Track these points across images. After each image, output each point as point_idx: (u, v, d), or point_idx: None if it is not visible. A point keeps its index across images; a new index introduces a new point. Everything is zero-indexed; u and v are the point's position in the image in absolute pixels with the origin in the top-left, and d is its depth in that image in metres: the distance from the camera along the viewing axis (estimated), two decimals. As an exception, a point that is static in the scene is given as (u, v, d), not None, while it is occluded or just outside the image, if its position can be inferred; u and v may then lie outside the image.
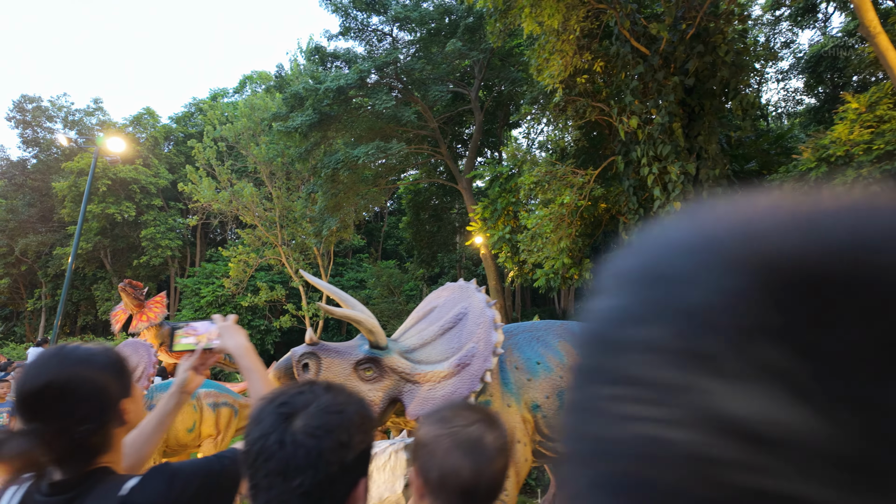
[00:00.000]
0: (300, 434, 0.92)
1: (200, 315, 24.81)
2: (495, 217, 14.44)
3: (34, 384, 1.12)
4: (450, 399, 4.40)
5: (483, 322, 4.76)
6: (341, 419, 0.95)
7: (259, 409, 0.99)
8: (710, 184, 10.60)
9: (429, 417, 1.21)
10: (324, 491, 0.90)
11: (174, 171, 31.29)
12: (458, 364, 4.54)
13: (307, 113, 15.07)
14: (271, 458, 0.91)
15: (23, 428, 1.12)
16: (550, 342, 5.68)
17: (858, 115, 6.80)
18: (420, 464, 1.14)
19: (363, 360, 4.32)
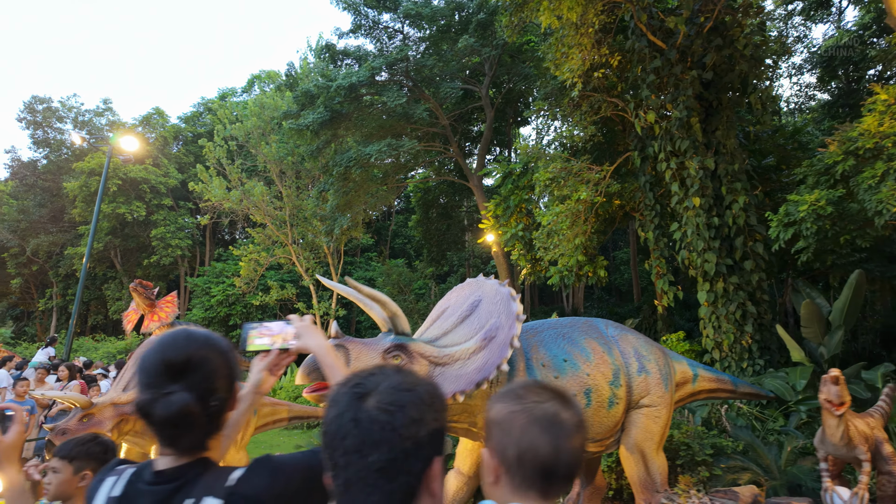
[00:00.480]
0: (373, 410, 0.94)
1: (211, 314, 24.85)
2: (508, 214, 14.33)
3: (177, 354, 1.21)
4: (483, 371, 4.38)
5: (499, 298, 4.85)
6: (412, 396, 0.97)
7: (335, 392, 1.02)
8: (728, 179, 10.44)
9: (500, 396, 1.17)
10: (399, 467, 0.92)
11: (183, 171, 31.37)
12: (484, 338, 4.58)
13: (318, 111, 15.01)
14: (347, 436, 0.93)
15: (170, 387, 1.17)
16: (577, 339, 5.59)
17: (888, 107, 6.64)
18: (495, 442, 1.10)
19: (391, 348, 4.31)
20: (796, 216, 7.10)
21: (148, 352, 1.24)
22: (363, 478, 0.92)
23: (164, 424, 1.17)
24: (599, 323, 5.94)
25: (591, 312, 23.44)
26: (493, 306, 4.84)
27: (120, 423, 5.97)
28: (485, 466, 1.12)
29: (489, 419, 1.14)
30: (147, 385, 1.20)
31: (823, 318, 9.61)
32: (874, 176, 6.42)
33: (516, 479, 1.06)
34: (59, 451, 2.31)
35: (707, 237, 10.23)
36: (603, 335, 5.75)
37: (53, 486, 2.23)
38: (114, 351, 23.95)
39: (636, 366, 5.56)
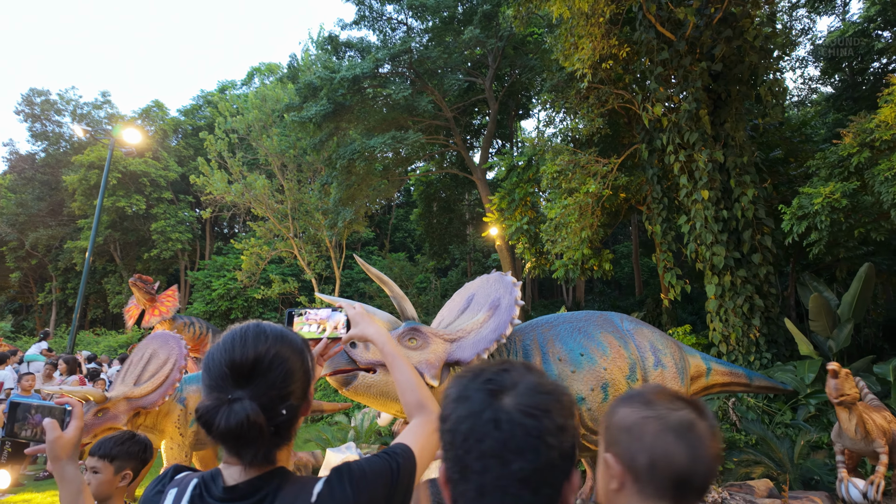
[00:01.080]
0: (515, 412, 0.86)
1: (212, 308, 24.78)
2: (512, 208, 14.25)
3: (244, 354, 1.08)
4: (498, 329, 4.51)
5: (491, 280, 5.06)
6: (554, 400, 0.89)
7: (460, 385, 0.93)
8: (737, 172, 10.37)
9: (625, 400, 1.10)
10: (544, 478, 0.84)
11: (183, 164, 31.19)
12: (490, 308, 4.76)
13: (321, 103, 14.88)
14: (485, 439, 0.85)
15: (234, 393, 1.06)
16: (593, 333, 5.53)
17: (905, 98, 6.56)
18: (621, 449, 1.04)
19: (405, 332, 4.40)
20: (810, 209, 7.03)
21: (214, 349, 1.12)
22: (502, 487, 0.83)
23: (226, 436, 1.04)
24: (614, 317, 5.88)
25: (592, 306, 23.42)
26: (488, 288, 5.02)
27: (134, 417, 5.93)
28: (606, 472, 1.05)
29: (612, 423, 1.07)
30: (210, 388, 1.08)
31: (832, 311, 9.58)
32: (891, 168, 6.36)
33: (647, 488, 0.99)
34: (98, 449, 2.24)
35: (716, 230, 10.17)
36: (619, 329, 5.69)
37: (94, 486, 2.17)
38: (115, 345, 23.89)
39: (652, 360, 5.53)
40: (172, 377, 5.98)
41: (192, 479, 1.12)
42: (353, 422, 9.83)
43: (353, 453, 6.34)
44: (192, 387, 6.54)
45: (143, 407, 5.86)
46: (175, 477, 1.17)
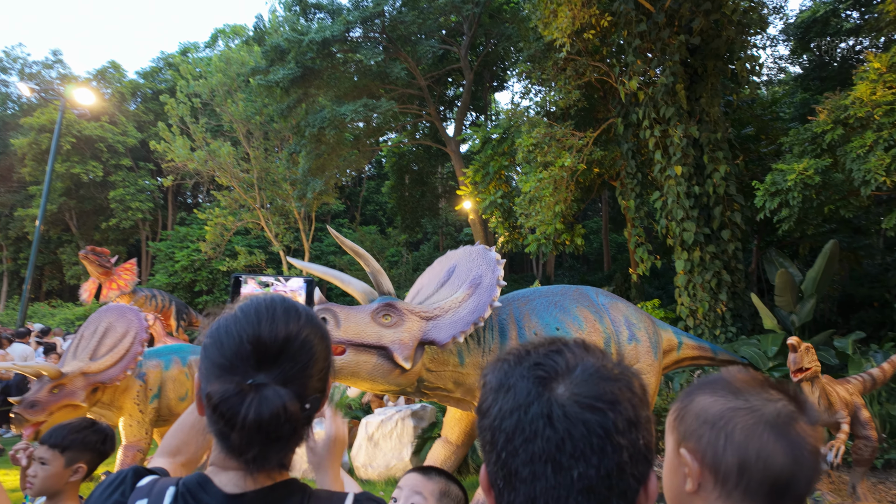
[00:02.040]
0: (572, 405, 0.68)
1: (175, 280, 24.03)
2: (486, 181, 14.06)
3: (272, 332, 0.88)
4: (477, 311, 4.34)
5: (475, 254, 4.84)
6: (622, 387, 0.71)
7: (500, 370, 0.75)
8: (710, 148, 10.40)
9: (706, 386, 0.93)
10: (613, 486, 0.67)
11: (143, 130, 29.77)
12: (470, 285, 4.57)
13: (289, 66, 14.23)
14: (534, 439, 0.67)
15: (256, 377, 0.85)
16: (569, 307, 5.46)
17: (880, 76, 6.59)
18: (702, 445, 0.87)
19: (380, 308, 4.21)
20: (783, 185, 7.08)
21: (227, 322, 0.90)
22: (559, 498, 0.67)
23: (252, 429, 0.83)
24: (590, 291, 5.83)
25: (561, 281, 23.68)
26: (471, 262, 4.83)
27: (92, 393, 5.62)
28: (676, 469, 0.89)
29: (689, 412, 0.90)
30: (224, 369, 0.87)
31: (796, 287, 9.82)
32: (863, 145, 6.40)
33: (735, 493, 0.84)
34: (49, 438, 1.94)
35: (687, 206, 10.24)
36: (594, 303, 5.65)
37: (39, 480, 1.88)
38: (72, 317, 23.00)
39: (626, 334, 5.51)
40: (133, 351, 5.68)
41: (166, 486, 0.90)
42: (323, 396, 9.68)
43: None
44: (152, 361, 6.25)
45: (102, 382, 5.56)
46: (138, 484, 0.93)
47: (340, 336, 3.93)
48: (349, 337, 3.98)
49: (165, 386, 6.21)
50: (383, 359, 4.08)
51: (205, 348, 0.92)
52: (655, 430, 0.71)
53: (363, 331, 4.04)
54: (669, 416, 0.95)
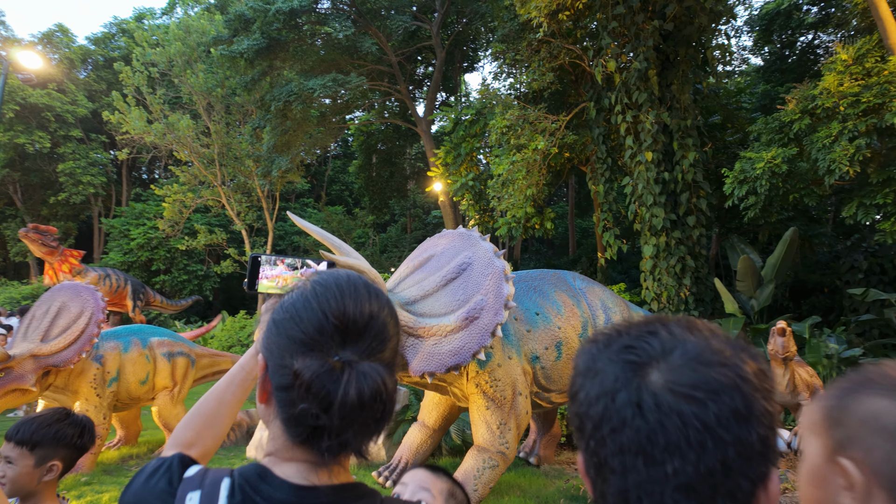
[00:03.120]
0: (666, 395, 0.60)
1: (131, 259, 23.06)
2: (458, 163, 13.92)
3: (359, 307, 0.83)
4: (458, 356, 4.06)
5: (492, 273, 4.44)
6: (728, 374, 0.61)
7: (589, 353, 0.69)
8: (680, 135, 10.54)
9: (874, 386, 0.80)
10: (715, 485, 0.58)
11: (94, 100, 28.16)
12: (466, 318, 4.23)
13: (254, 37, 13.61)
14: (623, 428, 0.61)
15: (342, 353, 0.80)
16: (548, 292, 5.48)
17: (847, 68, 6.75)
18: (873, 456, 0.75)
19: None
20: (752, 173, 7.22)
21: (303, 296, 0.84)
22: (653, 493, 0.59)
23: (353, 409, 0.77)
24: (567, 275, 5.87)
25: (528, 264, 23.86)
26: (483, 279, 4.43)
27: (44, 376, 5.28)
28: (829, 480, 0.78)
29: (850, 416, 0.78)
30: (305, 345, 0.80)
31: (757, 272, 10.15)
32: (829, 136, 6.57)
33: None
34: (15, 433, 1.70)
35: (656, 192, 10.37)
36: (571, 287, 5.69)
37: (8, 481, 1.66)
38: (17, 296, 21.80)
39: (603, 318, 5.59)
40: (89, 332, 5.37)
41: (220, 477, 0.82)
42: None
43: (293, 412, 6.03)
44: (109, 343, 5.93)
45: (55, 365, 5.24)
46: (186, 474, 0.84)
47: None
48: None
49: (125, 369, 5.92)
50: None
51: (277, 324, 0.85)
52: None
53: None
54: (810, 415, 0.83)
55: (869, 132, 6.41)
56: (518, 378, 4.82)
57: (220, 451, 6.44)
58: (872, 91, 6.38)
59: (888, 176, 6.54)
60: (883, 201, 6.56)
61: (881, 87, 6.37)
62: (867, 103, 6.35)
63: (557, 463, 6.21)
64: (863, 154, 6.31)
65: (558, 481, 5.30)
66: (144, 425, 7.37)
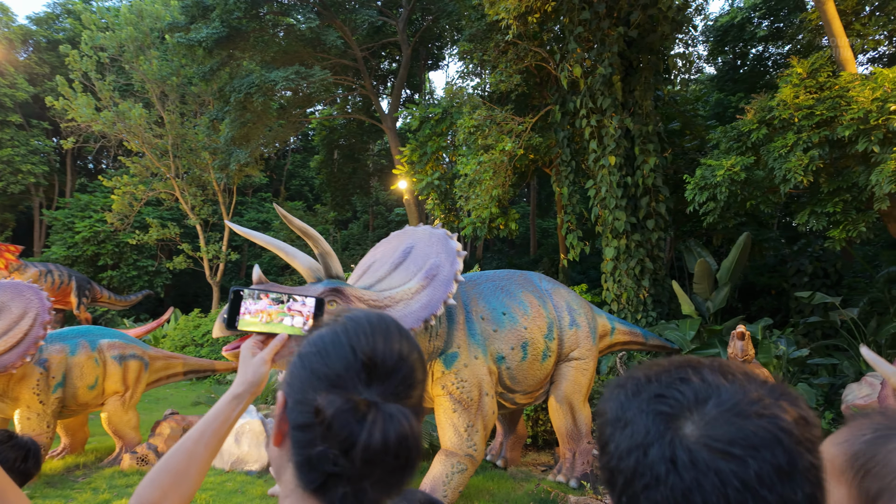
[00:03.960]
0: (702, 451, 0.55)
1: (75, 253, 21.85)
2: (424, 161, 13.82)
3: (391, 348, 0.78)
4: (429, 307, 4.17)
5: (435, 239, 4.68)
6: (768, 427, 0.56)
7: (617, 401, 0.63)
8: (641, 140, 10.79)
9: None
10: None
11: (36, 83, 26.51)
12: (426, 276, 4.40)
13: (214, 25, 13.09)
14: (657, 486, 0.56)
15: (366, 393, 0.74)
16: (515, 292, 5.52)
17: (801, 81, 7.03)
18: None
19: (325, 293, 3.91)
20: (712, 180, 7.44)
21: (334, 332, 0.79)
22: None
23: (377, 453, 0.70)
24: (533, 276, 5.93)
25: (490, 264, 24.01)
26: (429, 248, 4.64)
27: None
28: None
29: (890, 466, 0.73)
30: (330, 382, 0.74)
31: (713, 275, 10.51)
32: (785, 146, 6.83)
33: None
34: None
35: (618, 195, 10.60)
36: (538, 288, 5.75)
37: None
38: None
39: (568, 319, 5.68)
40: (33, 335, 5.01)
41: None
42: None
43: (253, 417, 5.82)
44: (55, 346, 5.56)
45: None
46: None
47: None
48: None
49: (71, 373, 5.56)
50: None
51: (302, 358, 0.80)
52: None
53: None
54: (830, 459, 0.77)
55: (821, 143, 6.71)
56: (484, 378, 4.82)
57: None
58: (825, 104, 6.67)
59: (838, 186, 6.86)
60: (833, 210, 6.87)
61: (833, 100, 6.67)
62: (820, 116, 6.64)
63: (524, 464, 6.24)
64: (816, 164, 6.58)
65: (527, 484, 5.31)
66: (92, 432, 6.97)
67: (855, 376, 8.04)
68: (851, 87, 6.69)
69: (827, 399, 8.07)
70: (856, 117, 6.16)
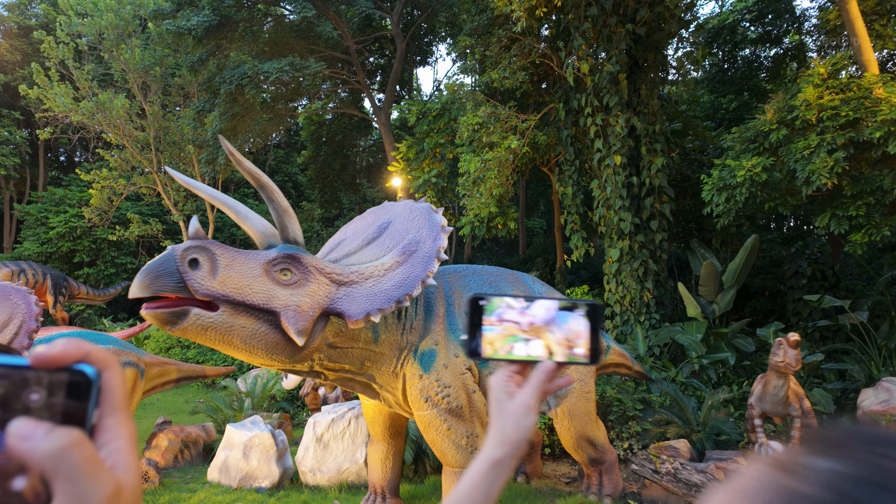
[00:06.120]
0: None
1: (49, 249, 20.90)
2: (421, 158, 13.46)
3: None
4: (404, 286, 3.56)
5: (417, 213, 4.05)
6: None
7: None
8: (648, 140, 10.62)
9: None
10: None
11: (7, 72, 25.35)
12: (403, 252, 3.76)
13: (204, 13, 12.52)
14: None
15: None
16: (505, 290, 4.92)
17: (823, 81, 6.89)
18: None
19: (278, 259, 3.28)
20: (730, 181, 7.27)
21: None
22: None
23: None
24: (526, 277, 5.31)
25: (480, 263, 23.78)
26: (409, 223, 4.04)
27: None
28: None
29: None
30: None
31: (718, 277, 10.39)
32: (807, 147, 6.67)
33: None
34: None
35: (624, 195, 10.41)
36: (530, 290, 5.17)
37: None
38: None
39: None
40: (17, 345, 4.53)
41: None
42: (244, 386, 8.73)
43: (262, 429, 5.42)
44: (44, 355, 5.08)
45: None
46: None
47: (214, 288, 2.99)
48: (226, 291, 3.03)
49: (62, 384, 5.09)
50: (269, 326, 3.19)
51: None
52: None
53: (248, 286, 3.12)
54: None
55: (846, 145, 6.56)
56: (466, 375, 4.26)
57: (175, 472, 5.72)
58: (850, 105, 6.53)
59: (861, 189, 6.73)
60: (855, 213, 6.75)
61: (858, 101, 6.54)
62: (846, 117, 6.49)
63: (546, 476, 5.96)
64: (841, 167, 6.44)
65: (559, 501, 5.02)
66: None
67: (866, 381, 7.99)
68: (875, 88, 6.57)
69: (838, 404, 8.00)
70: (887, 118, 6.03)
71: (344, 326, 3.56)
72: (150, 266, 2.93)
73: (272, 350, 3.26)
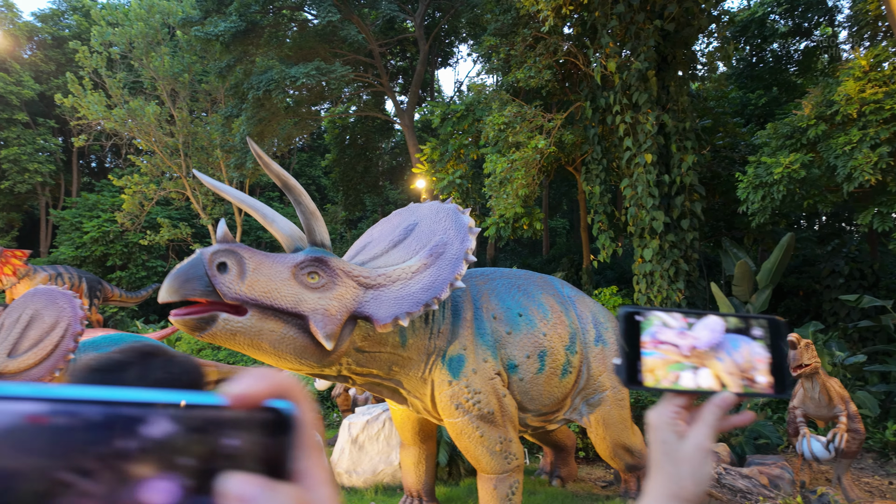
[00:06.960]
0: None
1: (84, 253, 21.49)
2: (445, 160, 13.46)
3: None
4: (432, 289, 3.51)
5: (443, 214, 3.96)
6: None
7: None
8: (678, 137, 10.43)
9: None
10: None
11: (42, 81, 26.15)
12: (430, 254, 3.70)
13: (231, 19, 12.73)
14: None
15: None
16: (534, 293, 4.83)
17: (865, 74, 6.67)
18: None
19: (305, 263, 3.27)
20: (767, 178, 7.08)
21: None
22: None
23: None
24: (555, 281, 5.25)
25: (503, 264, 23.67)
26: (436, 224, 3.95)
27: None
28: None
29: None
30: None
31: (752, 277, 10.16)
32: (849, 142, 6.47)
33: None
34: None
35: (655, 194, 10.24)
36: (559, 294, 5.05)
37: None
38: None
39: (593, 333, 4.90)
40: (64, 347, 4.65)
41: None
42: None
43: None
44: (87, 357, 5.21)
45: (20, 383, 4.52)
46: None
47: (242, 292, 2.96)
48: (255, 295, 3.01)
49: (104, 385, 5.21)
50: (297, 330, 3.19)
51: None
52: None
53: (276, 289, 3.11)
54: None
55: (890, 140, 6.34)
56: (496, 380, 4.18)
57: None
58: (894, 98, 6.31)
59: (907, 185, 6.50)
60: (901, 210, 6.52)
61: (902, 94, 6.31)
62: (890, 111, 6.28)
63: (581, 480, 5.88)
64: (886, 162, 6.23)
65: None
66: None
67: (911, 383, 7.71)
68: (921, 80, 6.34)
69: (882, 407, 7.73)
70: (937, 111, 5.82)
71: (372, 330, 3.53)
72: (178, 270, 2.94)
73: (301, 354, 3.26)
